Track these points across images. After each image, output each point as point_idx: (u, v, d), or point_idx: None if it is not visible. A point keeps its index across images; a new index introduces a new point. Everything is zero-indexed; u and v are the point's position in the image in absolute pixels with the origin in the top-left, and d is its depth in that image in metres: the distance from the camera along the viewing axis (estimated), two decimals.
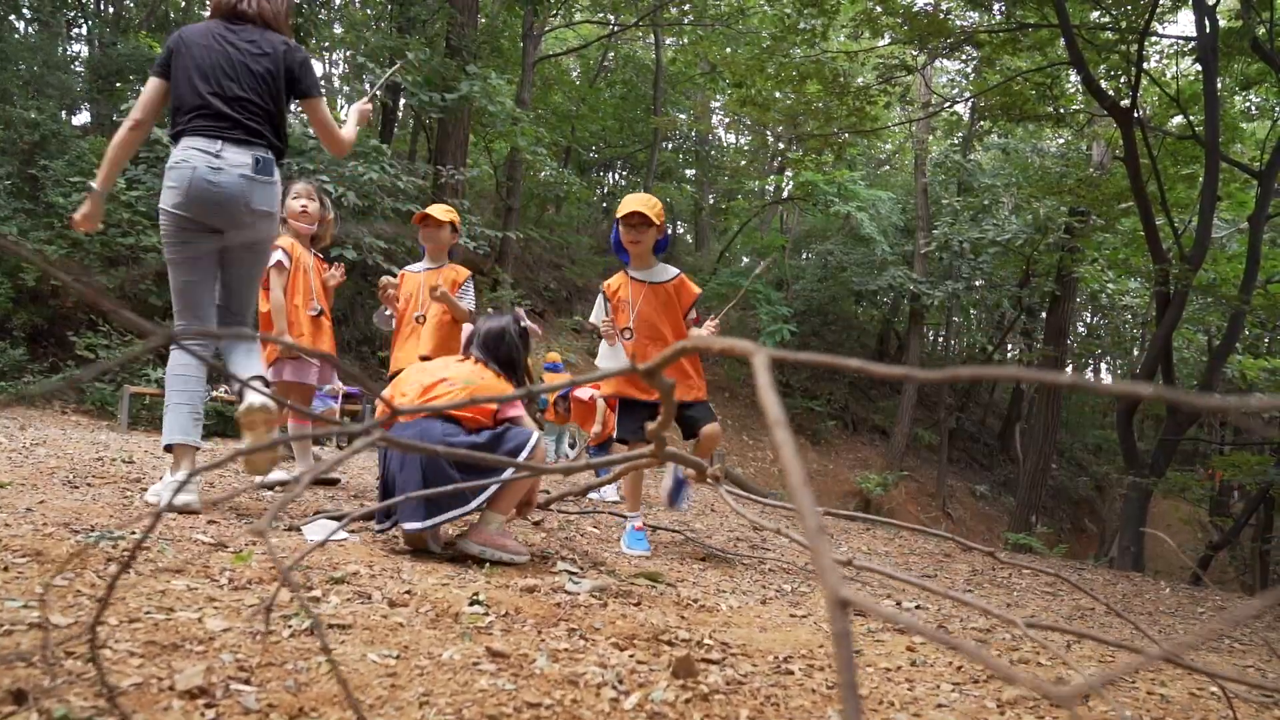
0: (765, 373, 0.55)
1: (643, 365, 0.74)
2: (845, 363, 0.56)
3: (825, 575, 0.44)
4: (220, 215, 2.74)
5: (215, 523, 2.64)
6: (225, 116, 2.72)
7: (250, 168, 2.74)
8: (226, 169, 2.70)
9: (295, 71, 2.85)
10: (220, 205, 2.71)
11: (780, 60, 10.57)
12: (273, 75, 2.81)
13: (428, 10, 12.09)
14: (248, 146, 2.75)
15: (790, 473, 0.46)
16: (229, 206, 2.72)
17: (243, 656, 1.40)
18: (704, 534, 4.13)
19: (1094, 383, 0.48)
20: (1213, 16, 7.73)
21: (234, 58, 2.76)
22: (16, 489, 2.80)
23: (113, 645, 1.34)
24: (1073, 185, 12.44)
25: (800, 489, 0.45)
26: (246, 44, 2.80)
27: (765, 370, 0.55)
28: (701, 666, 1.84)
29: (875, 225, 16.38)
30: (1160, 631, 3.36)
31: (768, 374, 0.55)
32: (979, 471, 19.43)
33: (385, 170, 9.13)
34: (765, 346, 0.58)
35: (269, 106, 2.81)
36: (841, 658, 0.43)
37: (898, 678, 2.04)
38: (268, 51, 2.81)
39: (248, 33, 2.82)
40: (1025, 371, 0.51)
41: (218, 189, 2.69)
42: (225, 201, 2.71)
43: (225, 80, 2.73)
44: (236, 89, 2.74)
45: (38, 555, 1.88)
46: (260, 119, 2.78)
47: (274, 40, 2.84)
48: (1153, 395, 0.46)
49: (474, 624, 1.91)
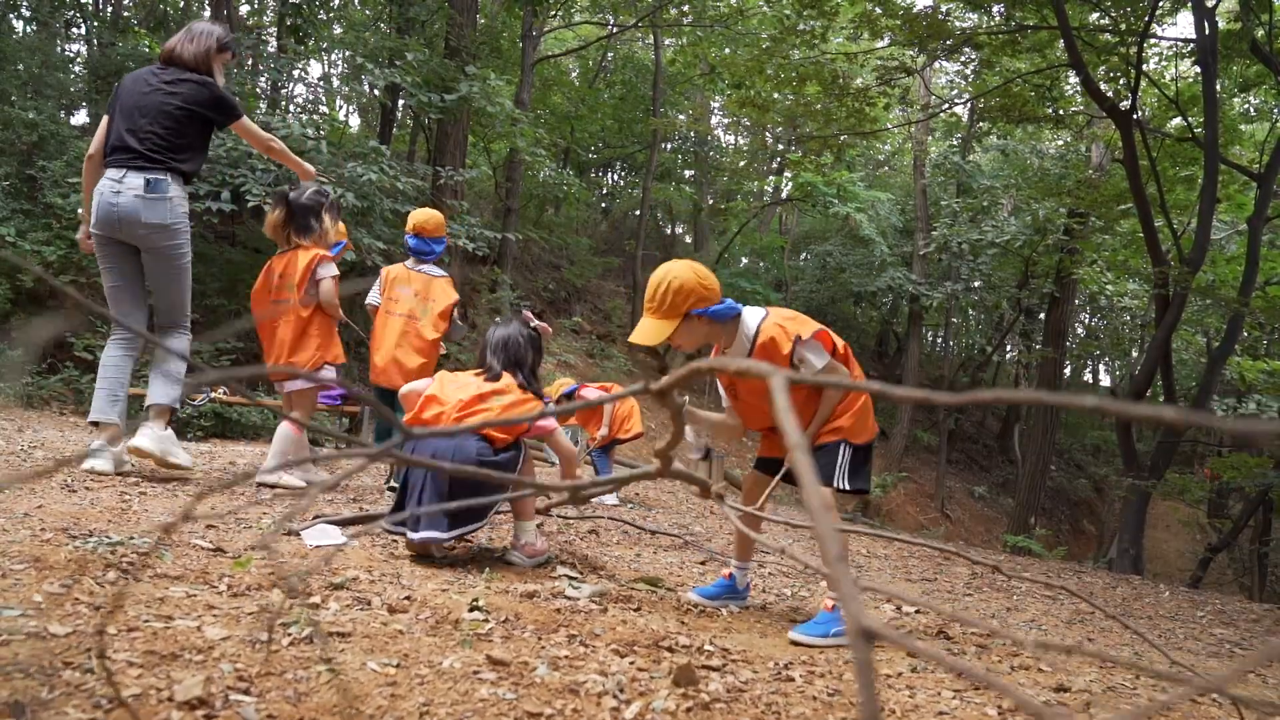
0: (783, 395, 0.54)
1: (655, 385, 0.73)
2: (867, 386, 0.56)
3: (848, 604, 0.43)
4: (123, 230, 3.25)
5: (214, 527, 2.63)
6: (131, 149, 3.23)
7: (142, 189, 3.22)
8: (124, 191, 3.21)
9: (207, 108, 3.36)
10: (121, 221, 3.23)
11: (779, 61, 10.56)
12: (184, 112, 3.30)
13: (427, 11, 12.07)
14: (143, 171, 3.22)
15: (810, 498, 0.46)
16: (127, 222, 3.23)
17: (242, 666, 1.39)
18: (704, 537, 4.12)
19: (1117, 403, 0.47)
20: (1212, 18, 7.73)
21: (149, 98, 3.28)
22: (14, 493, 2.80)
23: (112, 655, 1.34)
24: (1072, 187, 12.45)
25: (821, 514, 0.44)
26: (164, 84, 3.30)
27: (783, 393, 0.55)
28: (702, 674, 1.83)
29: (874, 226, 16.38)
30: (1161, 636, 3.35)
31: (786, 397, 0.54)
32: (978, 473, 19.43)
33: (384, 171, 9.10)
34: (783, 371, 0.57)
35: (175, 138, 3.28)
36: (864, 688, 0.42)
37: (898, 684, 2.04)
38: (179, 92, 3.30)
39: (169, 74, 3.33)
40: (1048, 395, 0.50)
41: (117, 209, 3.22)
42: (124, 218, 3.22)
43: (139, 118, 3.25)
44: (146, 124, 3.24)
45: (36, 562, 1.87)
46: (162, 148, 3.25)
47: (189, 79, 3.33)
48: (1177, 419, 0.45)
49: (474, 631, 1.90)
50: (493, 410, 2.66)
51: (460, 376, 2.86)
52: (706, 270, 2.53)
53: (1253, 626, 3.83)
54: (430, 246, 4.20)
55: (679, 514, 5.37)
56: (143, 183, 3.21)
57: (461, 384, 2.78)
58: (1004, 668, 2.26)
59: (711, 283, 2.49)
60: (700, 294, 2.45)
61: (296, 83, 15.64)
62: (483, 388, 2.74)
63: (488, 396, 2.71)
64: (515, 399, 2.74)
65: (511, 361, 2.83)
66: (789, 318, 2.52)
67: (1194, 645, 3.22)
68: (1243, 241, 9.71)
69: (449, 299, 4.14)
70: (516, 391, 2.77)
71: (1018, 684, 2.09)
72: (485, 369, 2.85)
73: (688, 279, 2.45)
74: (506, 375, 2.81)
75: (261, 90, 12.16)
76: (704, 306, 2.45)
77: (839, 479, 2.49)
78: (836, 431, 2.52)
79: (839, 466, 2.49)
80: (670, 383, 0.71)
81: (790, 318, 2.53)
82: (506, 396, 2.74)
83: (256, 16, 15.14)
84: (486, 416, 2.59)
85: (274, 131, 8.63)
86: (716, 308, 2.47)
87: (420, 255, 4.20)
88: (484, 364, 2.86)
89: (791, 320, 2.51)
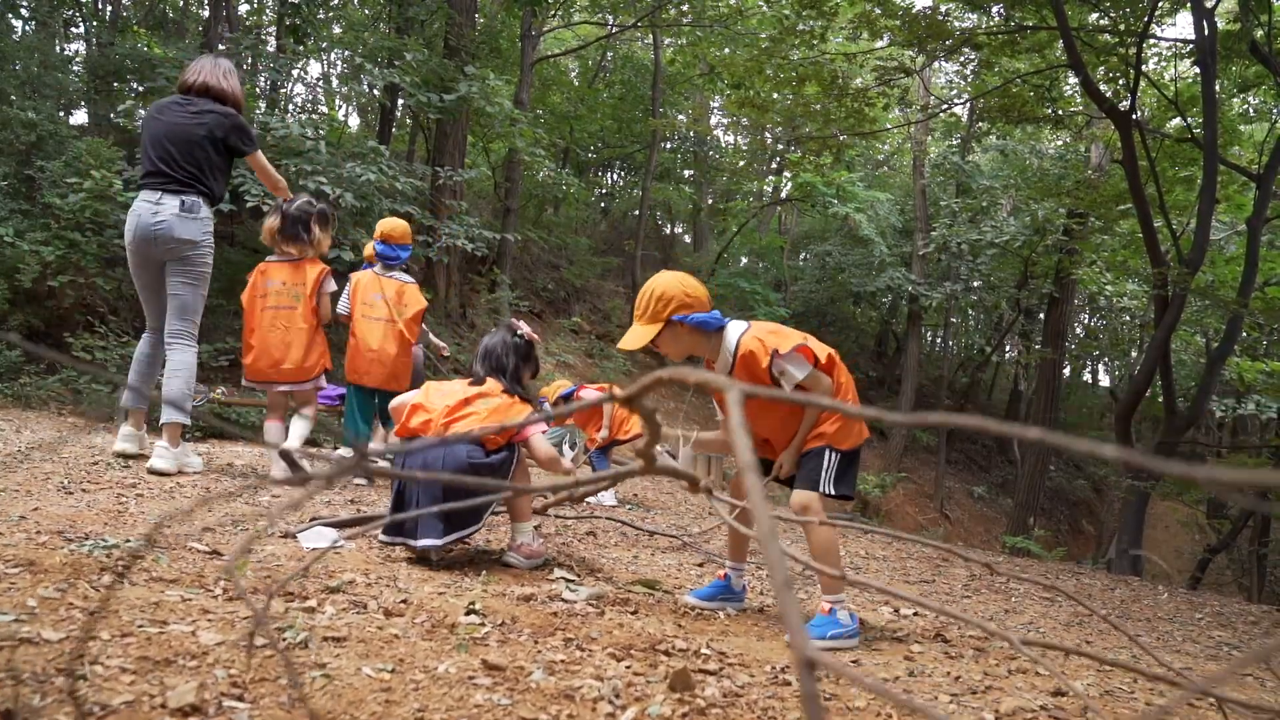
0: (737, 409, 0.53)
1: (620, 393, 0.73)
2: (818, 401, 0.55)
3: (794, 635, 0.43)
4: (158, 245, 3.62)
5: (211, 530, 2.63)
6: (165, 174, 3.60)
7: (178, 209, 3.60)
8: (161, 212, 3.58)
9: (228, 138, 3.70)
10: (158, 238, 3.60)
11: (779, 62, 10.55)
12: (211, 141, 3.65)
13: (426, 10, 12.05)
14: (178, 194, 3.60)
15: (759, 521, 0.45)
16: (163, 238, 3.60)
17: (236, 672, 1.39)
18: (703, 538, 4.12)
19: (1059, 437, 0.47)
20: (1211, 19, 7.72)
21: (179, 127, 3.63)
22: (10, 495, 2.79)
23: (104, 661, 1.33)
24: (1071, 187, 12.44)
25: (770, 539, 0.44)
26: (190, 114, 3.65)
27: (737, 407, 0.54)
28: (698, 678, 1.83)
29: (873, 226, 16.37)
30: (1158, 638, 3.35)
31: (740, 411, 0.54)
32: (977, 473, 19.43)
33: (383, 172, 9.09)
34: (738, 384, 0.56)
35: (202, 163, 3.64)
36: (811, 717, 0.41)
37: (895, 689, 2.03)
38: (205, 121, 3.65)
39: (194, 104, 3.67)
40: (994, 424, 0.50)
41: (155, 227, 3.59)
42: (160, 235, 3.59)
43: (168, 145, 3.60)
44: (176, 152, 3.60)
45: (30, 565, 1.86)
46: (191, 173, 3.62)
47: (215, 110, 3.68)
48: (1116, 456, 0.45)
49: (470, 635, 1.90)
50: (479, 413, 2.73)
51: (446, 384, 2.93)
52: (695, 281, 2.58)
53: (1250, 629, 3.83)
54: (397, 253, 4.33)
55: (677, 515, 5.36)
56: (178, 204, 3.60)
57: (447, 391, 2.85)
58: (1001, 671, 2.25)
59: (696, 291, 2.54)
60: (682, 300, 2.48)
61: (295, 82, 15.65)
62: (467, 392, 2.81)
63: (473, 400, 2.78)
64: (500, 402, 2.79)
65: (494, 368, 2.92)
66: (770, 331, 2.54)
67: (1191, 648, 3.22)
68: (1242, 242, 9.71)
69: (420, 304, 4.33)
70: (501, 394, 2.83)
71: (1015, 688, 2.09)
72: (472, 377, 2.95)
73: (670, 285, 2.51)
74: (490, 380, 2.89)
75: (261, 90, 12.16)
76: (686, 313, 2.48)
77: (825, 484, 2.52)
78: (821, 437, 2.54)
79: (825, 471, 2.51)
80: (636, 391, 0.71)
81: (771, 331, 2.54)
82: (491, 399, 2.80)
83: (256, 16, 15.14)
84: (472, 421, 2.69)
85: (273, 131, 8.63)
86: (700, 316, 2.50)
87: (388, 261, 4.33)
88: (471, 372, 2.98)
89: (772, 334, 2.52)
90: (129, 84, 10.83)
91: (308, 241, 3.98)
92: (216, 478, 3.82)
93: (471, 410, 2.75)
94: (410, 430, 2.77)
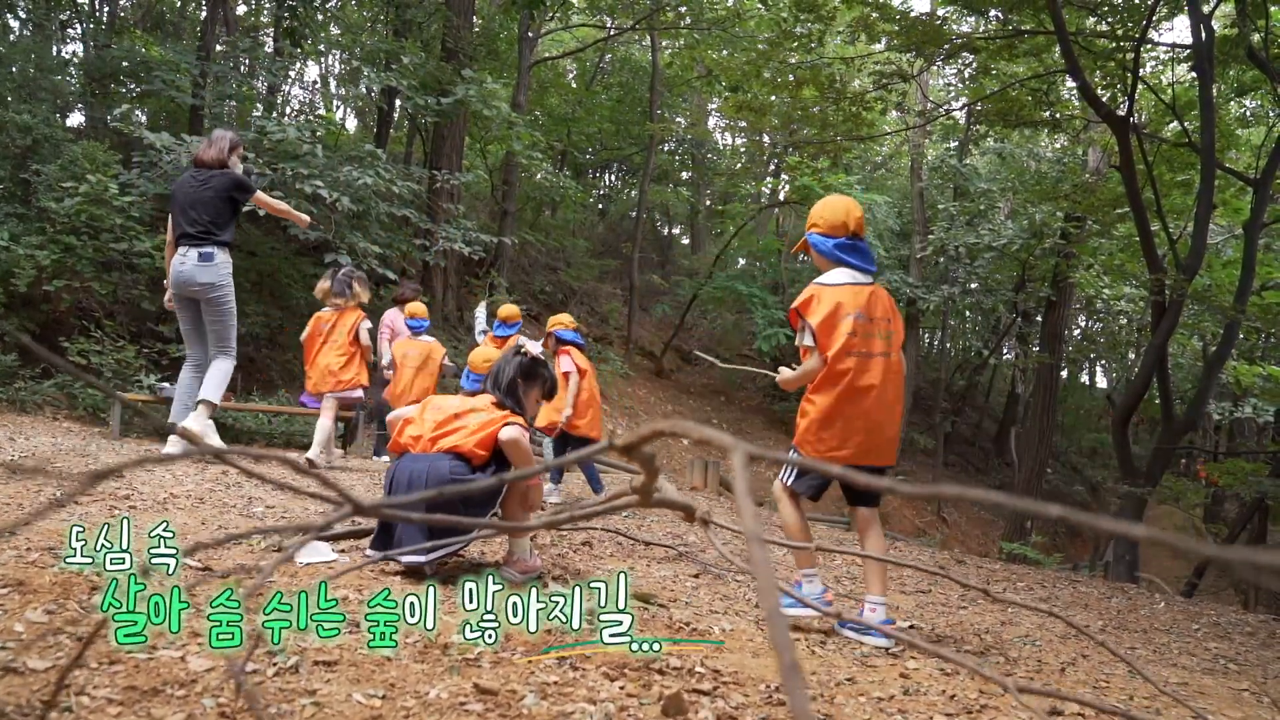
0: (743, 475, 0.52)
1: (619, 443, 0.72)
2: (854, 478, 0.54)
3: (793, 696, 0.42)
4: (187, 289, 4.55)
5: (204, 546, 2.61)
6: (188, 234, 4.52)
7: (196, 259, 4.51)
8: (187, 263, 4.51)
9: (230, 191, 4.59)
10: (186, 283, 4.53)
11: (776, 65, 10.54)
12: (217, 198, 4.55)
13: (424, 13, 12.03)
14: (197, 246, 4.51)
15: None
16: (190, 282, 4.52)
17: (224, 701, 1.37)
18: (698, 548, 4.10)
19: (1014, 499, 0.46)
20: (1208, 24, 7.72)
21: (192, 193, 4.56)
22: (2, 508, 2.77)
23: (90, 691, 1.32)
24: (1069, 191, 12.43)
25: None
26: (199, 182, 4.59)
27: (743, 470, 0.53)
28: (692, 699, 1.82)
29: (871, 229, 16.35)
30: (1155, 651, 3.34)
31: (745, 476, 0.52)
32: (974, 475, 19.43)
33: (380, 175, 9.06)
34: (743, 444, 0.55)
35: (214, 219, 4.55)
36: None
37: (890, 708, 2.02)
38: (211, 184, 4.57)
39: (201, 174, 4.62)
40: (948, 489, 0.48)
41: (183, 274, 4.53)
42: (187, 280, 4.52)
43: (189, 210, 4.53)
44: (194, 214, 4.52)
45: (19, 585, 1.85)
46: (206, 228, 4.52)
47: (214, 175, 4.59)
48: (1063, 516, 0.44)
49: (463, 656, 1.89)
50: (468, 427, 2.75)
51: (443, 400, 2.97)
52: (842, 204, 2.98)
53: (1248, 640, 3.82)
54: (421, 324, 6.35)
55: (673, 523, 5.35)
56: (196, 255, 4.50)
57: (441, 407, 2.87)
58: (997, 689, 2.24)
59: (825, 212, 2.98)
60: (812, 220, 3.03)
61: (293, 84, 15.62)
62: (459, 407, 2.84)
63: (463, 414, 2.80)
64: (489, 416, 2.79)
65: (493, 383, 2.95)
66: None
67: (1188, 661, 3.21)
68: (1239, 246, 9.70)
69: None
70: (491, 408, 2.84)
71: (1010, 707, 2.08)
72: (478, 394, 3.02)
73: (817, 205, 3.04)
74: (484, 395, 2.93)
75: (258, 92, 12.14)
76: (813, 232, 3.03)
77: (785, 475, 2.85)
78: (797, 434, 2.84)
79: (787, 466, 2.71)
80: (635, 440, 0.70)
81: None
82: (480, 414, 2.81)
83: (254, 17, 15.11)
84: (461, 435, 2.72)
85: (269, 135, 8.60)
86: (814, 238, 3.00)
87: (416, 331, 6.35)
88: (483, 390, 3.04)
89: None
90: (126, 86, 10.80)
91: (350, 296, 5.64)
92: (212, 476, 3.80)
93: (461, 424, 2.76)
94: (401, 445, 2.82)
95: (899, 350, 2.84)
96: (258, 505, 3.50)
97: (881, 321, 2.78)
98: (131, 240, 7.64)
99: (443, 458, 2.67)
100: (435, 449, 2.71)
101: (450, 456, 2.68)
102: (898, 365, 2.80)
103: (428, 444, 2.74)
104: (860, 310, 2.74)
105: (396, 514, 0.85)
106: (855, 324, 2.72)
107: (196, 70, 9.75)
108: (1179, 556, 10.57)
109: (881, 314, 2.79)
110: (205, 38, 11.03)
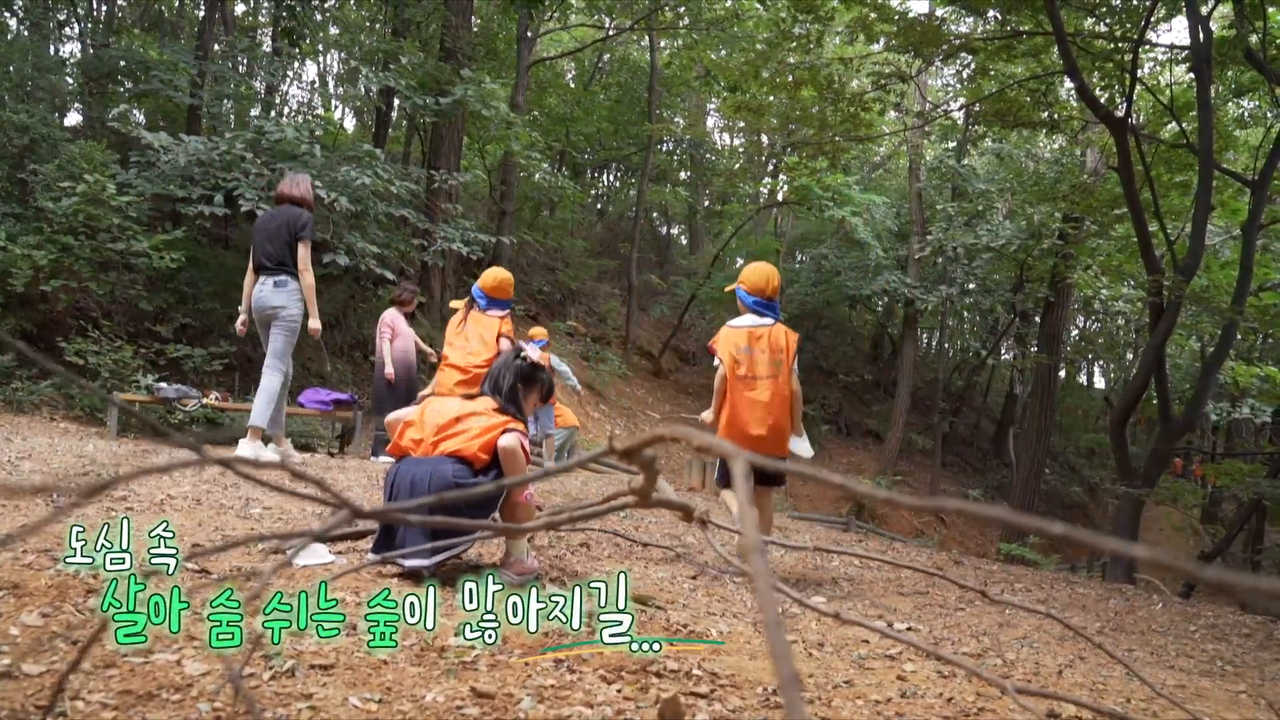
0: (745, 485, 0.52)
1: (620, 446, 0.72)
2: (856, 487, 0.54)
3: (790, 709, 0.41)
4: (263, 311, 5.07)
5: (200, 545, 2.61)
6: (263, 265, 5.05)
7: (272, 286, 5.02)
8: (264, 289, 5.04)
9: (294, 229, 5.05)
10: (264, 306, 5.05)
11: (775, 65, 10.54)
12: (287, 231, 5.05)
13: (422, 13, 12.02)
14: (272, 275, 5.03)
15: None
16: (266, 305, 5.04)
17: (221, 705, 1.37)
18: (695, 550, 4.10)
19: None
20: (1206, 25, 7.72)
21: (268, 227, 5.11)
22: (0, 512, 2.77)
23: (85, 696, 1.31)
24: (1067, 191, 12.45)
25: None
26: (273, 215, 5.15)
27: (744, 480, 0.53)
28: (689, 703, 1.81)
29: (869, 230, 16.35)
30: (1152, 653, 3.34)
31: (747, 486, 0.52)
32: (972, 476, 19.44)
33: (378, 175, 9.06)
34: (744, 453, 0.55)
35: (285, 250, 5.05)
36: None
37: (888, 710, 2.02)
38: (283, 221, 5.08)
39: (280, 210, 5.16)
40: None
41: (261, 299, 5.05)
42: (264, 304, 5.04)
43: (266, 243, 5.06)
44: (269, 246, 5.05)
45: (15, 589, 1.84)
46: (279, 259, 5.04)
47: (289, 210, 5.12)
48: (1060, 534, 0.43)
49: (459, 659, 1.88)
50: (470, 431, 2.74)
51: (443, 403, 2.95)
52: (761, 271, 3.86)
53: (1245, 641, 3.82)
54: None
55: (671, 523, 5.34)
56: (271, 283, 5.03)
57: (441, 410, 2.85)
58: (994, 692, 2.24)
59: (749, 276, 3.89)
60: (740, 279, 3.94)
61: (291, 84, 15.60)
62: (460, 411, 2.82)
63: (464, 418, 2.79)
64: (490, 421, 2.79)
65: (493, 387, 2.95)
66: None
67: (1185, 663, 3.21)
68: (1237, 247, 9.72)
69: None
70: (491, 413, 2.83)
71: (1008, 709, 2.08)
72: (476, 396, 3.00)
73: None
74: (485, 399, 2.91)
75: (256, 92, 12.13)
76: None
77: (716, 477, 3.76)
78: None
79: (716, 468, 3.50)
80: (635, 445, 0.70)
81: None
82: (481, 418, 2.80)
83: (252, 17, 15.10)
84: (462, 439, 2.72)
85: (268, 135, 8.60)
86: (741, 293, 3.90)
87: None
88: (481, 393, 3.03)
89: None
90: (123, 86, 10.78)
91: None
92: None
93: (463, 428, 2.75)
94: (402, 449, 2.81)
95: (786, 373, 3.69)
96: (255, 507, 3.50)
97: (774, 352, 3.69)
98: (129, 240, 7.63)
99: (445, 461, 2.68)
100: (437, 452, 2.71)
101: (453, 460, 2.68)
102: (784, 385, 3.68)
103: (429, 447, 2.73)
104: (747, 345, 3.70)
105: (395, 518, 0.84)
106: (744, 355, 3.68)
107: (194, 70, 9.74)
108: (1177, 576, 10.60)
109: (773, 347, 3.69)
110: (203, 37, 11.02)
